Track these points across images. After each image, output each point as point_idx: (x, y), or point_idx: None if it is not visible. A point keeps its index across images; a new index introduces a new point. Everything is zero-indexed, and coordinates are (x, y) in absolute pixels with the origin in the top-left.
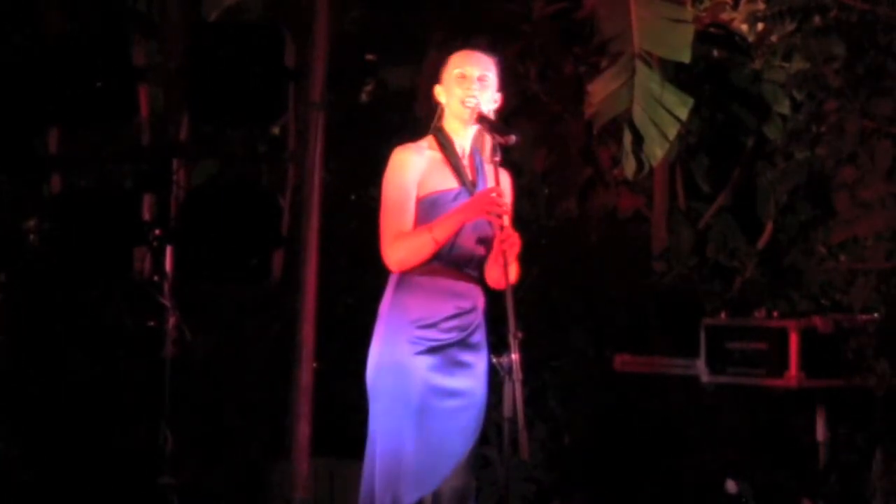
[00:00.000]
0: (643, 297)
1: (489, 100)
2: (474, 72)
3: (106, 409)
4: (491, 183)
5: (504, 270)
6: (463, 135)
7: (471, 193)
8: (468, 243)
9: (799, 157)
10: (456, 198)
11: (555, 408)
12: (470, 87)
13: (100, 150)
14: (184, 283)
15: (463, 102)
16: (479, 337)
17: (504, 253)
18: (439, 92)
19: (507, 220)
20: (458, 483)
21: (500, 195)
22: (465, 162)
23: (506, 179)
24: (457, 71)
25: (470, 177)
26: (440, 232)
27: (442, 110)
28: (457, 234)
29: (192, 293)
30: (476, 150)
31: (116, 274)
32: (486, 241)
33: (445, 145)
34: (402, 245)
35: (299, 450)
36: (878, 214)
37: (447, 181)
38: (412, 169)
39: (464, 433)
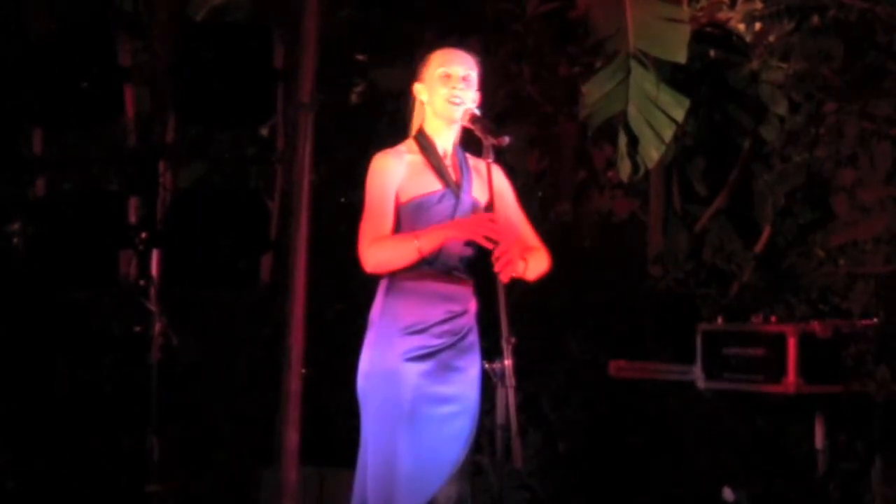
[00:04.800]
0: (638, 301)
1: (472, 99)
2: (459, 70)
3: (92, 416)
4: (476, 182)
5: (501, 287)
6: (445, 135)
7: (455, 194)
8: (455, 245)
9: (797, 159)
10: (441, 199)
11: (549, 414)
12: (455, 86)
13: (85, 152)
14: (170, 287)
15: (448, 101)
16: (472, 339)
17: (500, 273)
18: (420, 90)
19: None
20: (454, 491)
21: (494, 221)
22: (448, 162)
23: (500, 176)
24: (441, 70)
25: (453, 177)
26: (426, 243)
27: (423, 110)
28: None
29: (178, 298)
30: (459, 149)
31: (102, 278)
32: (473, 243)
33: (426, 147)
34: (383, 247)
35: (288, 457)
36: (878, 217)
37: (430, 184)
38: (391, 174)
39: (458, 439)
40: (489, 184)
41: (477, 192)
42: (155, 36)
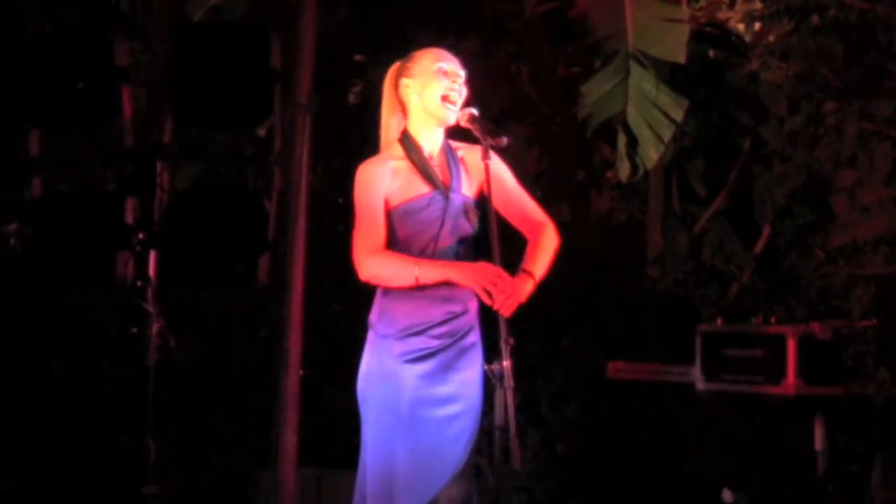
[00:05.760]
0: (638, 302)
1: (463, 99)
2: (455, 68)
3: (88, 418)
4: (466, 179)
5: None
6: (433, 135)
7: (444, 196)
8: (449, 247)
9: (797, 159)
10: (430, 202)
11: (547, 415)
12: (455, 81)
13: (82, 153)
14: (168, 288)
15: (446, 98)
16: (473, 338)
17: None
18: (408, 85)
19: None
20: (456, 492)
21: (499, 276)
22: (435, 163)
23: (496, 162)
24: (437, 65)
25: (441, 178)
26: (425, 274)
27: (405, 111)
28: (437, 237)
29: (176, 299)
30: (447, 147)
31: (99, 279)
32: (466, 241)
33: (411, 150)
34: (382, 264)
35: (286, 459)
36: (878, 218)
37: (418, 188)
38: (377, 182)
39: (459, 440)
40: (488, 185)
41: (467, 189)
42: (152, 36)
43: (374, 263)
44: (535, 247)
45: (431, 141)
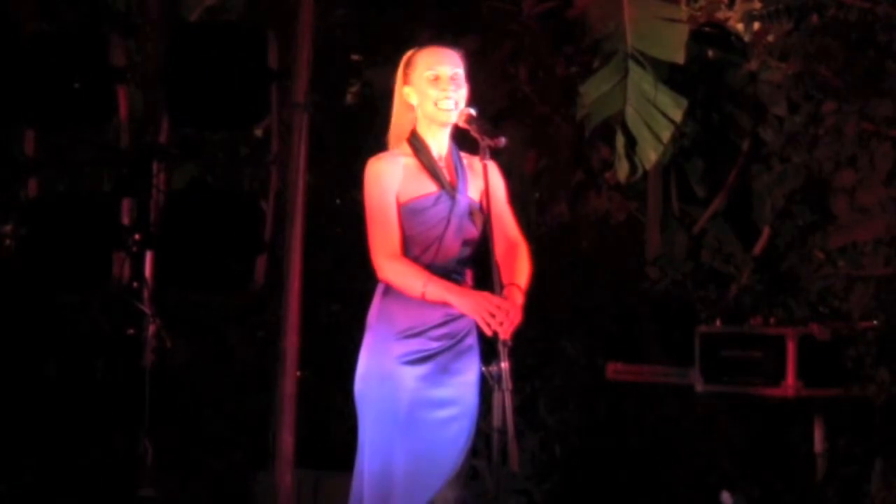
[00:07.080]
0: (636, 303)
1: (464, 97)
2: (447, 71)
3: (84, 419)
4: (472, 182)
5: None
6: (439, 137)
7: (451, 196)
8: (453, 248)
9: (796, 160)
10: (436, 201)
11: (545, 418)
12: (446, 88)
13: (78, 153)
14: (164, 289)
15: (437, 104)
16: (471, 340)
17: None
18: (409, 94)
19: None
20: (452, 495)
21: (498, 307)
22: (443, 164)
23: (495, 172)
24: (429, 72)
25: (448, 178)
26: (431, 292)
27: (411, 113)
28: (442, 236)
29: (172, 300)
30: (454, 149)
31: (94, 280)
32: (471, 243)
33: (419, 149)
34: (397, 273)
35: (283, 460)
36: (878, 219)
37: (426, 186)
38: (388, 178)
39: (456, 443)
40: (486, 185)
41: (472, 191)
42: (148, 36)
43: (391, 270)
44: (515, 262)
45: (438, 142)
